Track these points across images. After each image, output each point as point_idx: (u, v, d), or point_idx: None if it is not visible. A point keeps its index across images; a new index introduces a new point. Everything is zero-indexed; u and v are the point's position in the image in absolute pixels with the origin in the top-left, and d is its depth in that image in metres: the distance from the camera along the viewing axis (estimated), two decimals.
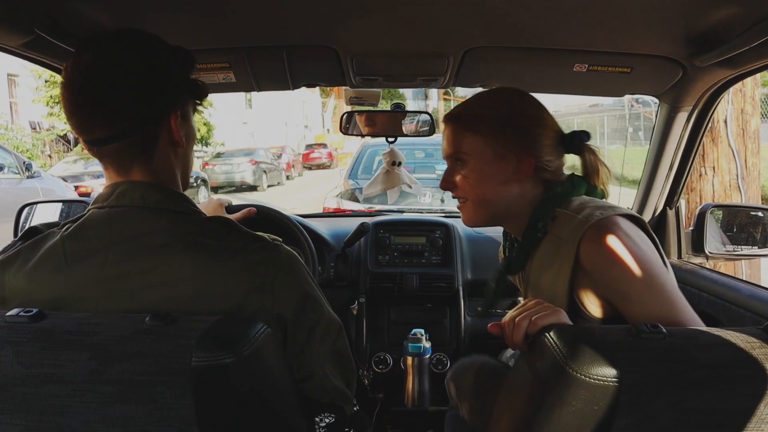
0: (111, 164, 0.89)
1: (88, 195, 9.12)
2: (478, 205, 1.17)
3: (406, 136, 2.07)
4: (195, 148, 1.04)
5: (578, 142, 1.17)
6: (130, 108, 0.85)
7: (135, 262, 0.83)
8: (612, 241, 0.99)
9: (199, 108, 0.98)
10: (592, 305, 1.05)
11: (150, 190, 0.88)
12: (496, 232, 2.36)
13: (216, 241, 0.85)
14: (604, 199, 1.14)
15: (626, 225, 1.02)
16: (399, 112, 2.01)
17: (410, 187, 1.98)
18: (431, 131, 2.12)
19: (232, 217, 1.71)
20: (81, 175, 11.15)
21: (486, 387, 1.03)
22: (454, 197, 1.23)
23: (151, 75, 0.86)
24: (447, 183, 1.20)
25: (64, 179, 9.34)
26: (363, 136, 2.15)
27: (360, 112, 2.03)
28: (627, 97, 1.87)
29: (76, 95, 0.85)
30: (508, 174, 1.13)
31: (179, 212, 0.88)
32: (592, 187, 1.17)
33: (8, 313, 0.75)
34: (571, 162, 1.24)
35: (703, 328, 0.78)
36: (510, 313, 1.02)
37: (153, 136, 0.88)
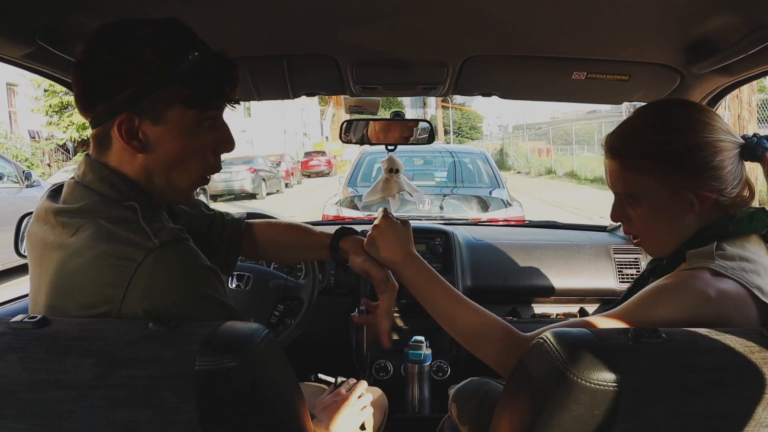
0: None
1: None
2: (655, 242, 1.07)
3: (406, 144, 2.08)
4: None
5: (761, 149, 0.98)
6: (84, 105, 0.90)
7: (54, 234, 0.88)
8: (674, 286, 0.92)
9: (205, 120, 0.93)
10: None
11: (89, 168, 0.92)
12: (495, 239, 2.38)
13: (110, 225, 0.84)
14: None
15: (708, 283, 0.89)
16: (398, 120, 2.02)
17: (411, 195, 1.99)
18: (430, 139, 2.12)
19: None
20: None
21: (491, 415, 1.01)
22: (626, 232, 1.12)
23: (102, 76, 0.87)
24: (619, 217, 1.08)
25: None
26: (363, 144, 2.16)
27: (359, 121, 2.04)
28: (625, 103, 1.87)
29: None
30: (685, 208, 1.00)
31: (102, 194, 0.89)
32: None
33: (12, 320, 0.76)
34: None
35: (702, 331, 0.79)
36: None
37: (105, 133, 0.90)
